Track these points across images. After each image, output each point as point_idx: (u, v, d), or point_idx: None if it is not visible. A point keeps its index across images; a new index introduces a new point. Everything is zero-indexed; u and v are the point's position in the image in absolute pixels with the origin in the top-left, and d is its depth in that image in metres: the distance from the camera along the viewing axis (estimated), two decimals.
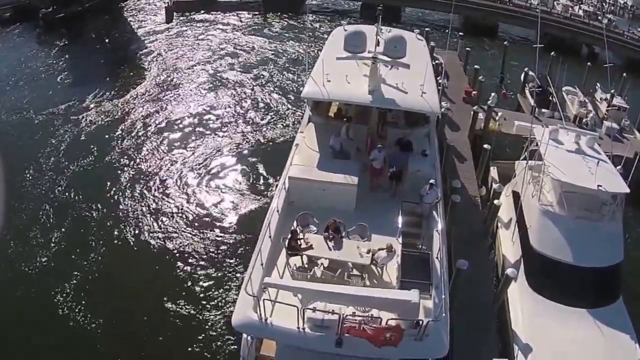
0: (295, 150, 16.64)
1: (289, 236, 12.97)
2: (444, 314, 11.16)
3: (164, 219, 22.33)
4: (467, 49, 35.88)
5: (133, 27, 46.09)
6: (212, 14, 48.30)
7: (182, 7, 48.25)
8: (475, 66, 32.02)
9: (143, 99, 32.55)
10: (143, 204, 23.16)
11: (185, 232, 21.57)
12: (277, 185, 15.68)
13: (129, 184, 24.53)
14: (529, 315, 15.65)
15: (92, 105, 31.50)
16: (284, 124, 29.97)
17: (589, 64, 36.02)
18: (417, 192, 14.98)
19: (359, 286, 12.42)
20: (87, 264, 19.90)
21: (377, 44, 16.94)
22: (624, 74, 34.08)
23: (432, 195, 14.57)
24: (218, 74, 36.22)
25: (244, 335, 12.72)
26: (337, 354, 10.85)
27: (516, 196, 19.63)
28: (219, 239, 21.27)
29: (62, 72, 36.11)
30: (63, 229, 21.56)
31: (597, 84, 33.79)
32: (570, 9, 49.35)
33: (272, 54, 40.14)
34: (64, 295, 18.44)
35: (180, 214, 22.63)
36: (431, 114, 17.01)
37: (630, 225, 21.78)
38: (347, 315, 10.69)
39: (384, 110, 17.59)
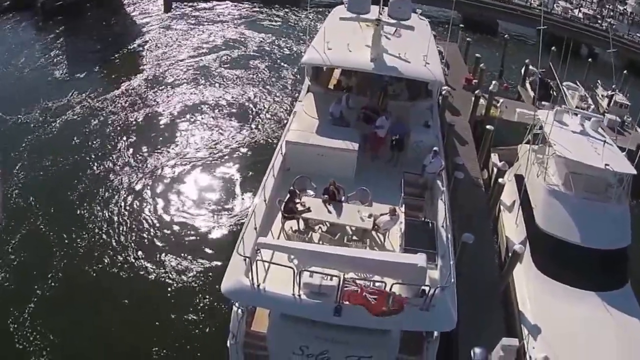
0: (293, 118, 15.90)
1: (287, 197, 12.13)
2: (452, 280, 10.36)
3: (150, 202, 21.31)
4: (468, 39, 35.42)
5: (131, 16, 45.16)
6: (210, 4, 47.61)
7: None
8: (477, 55, 31.53)
9: (136, 94, 30.73)
10: (130, 188, 22.09)
11: (172, 217, 20.56)
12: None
13: (117, 164, 23.65)
14: (535, 296, 14.89)
15: (78, 102, 29.18)
16: (279, 114, 28.95)
17: (589, 60, 35.77)
18: (419, 164, 14.33)
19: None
20: (76, 251, 18.93)
21: (382, 8, 16.33)
22: (625, 71, 33.81)
23: (435, 164, 13.91)
24: (215, 66, 35.15)
25: (234, 309, 11.75)
26: (335, 324, 9.99)
27: (519, 179, 18.92)
28: (208, 225, 20.21)
29: (57, 63, 34.57)
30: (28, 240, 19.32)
31: (598, 81, 33.52)
32: (570, 11, 49.19)
33: (272, 46, 39.32)
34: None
35: (168, 199, 21.63)
36: (434, 83, 16.33)
37: (636, 215, 21.09)
38: (347, 280, 9.84)
39: (385, 82, 16.90)
